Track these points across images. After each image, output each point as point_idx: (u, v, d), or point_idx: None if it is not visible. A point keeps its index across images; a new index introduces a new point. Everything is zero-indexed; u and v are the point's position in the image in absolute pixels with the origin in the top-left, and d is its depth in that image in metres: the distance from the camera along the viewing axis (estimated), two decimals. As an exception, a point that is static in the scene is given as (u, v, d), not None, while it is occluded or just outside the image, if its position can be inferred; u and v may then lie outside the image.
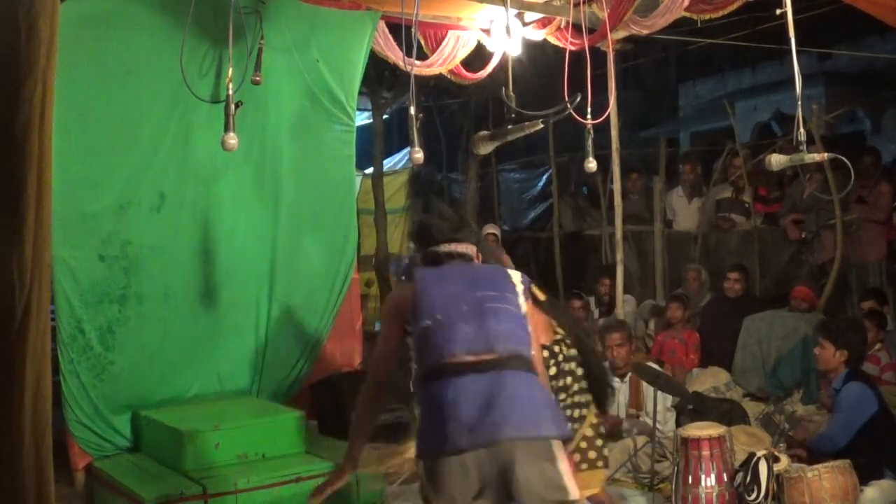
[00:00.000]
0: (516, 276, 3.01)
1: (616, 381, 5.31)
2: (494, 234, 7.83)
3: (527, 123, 4.37)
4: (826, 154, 4.33)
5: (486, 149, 4.77)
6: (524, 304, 2.93)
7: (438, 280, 2.89)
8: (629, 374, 5.43)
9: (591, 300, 7.74)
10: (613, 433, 5.16)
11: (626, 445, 5.15)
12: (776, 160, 4.01)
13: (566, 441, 2.78)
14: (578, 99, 4.35)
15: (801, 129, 3.83)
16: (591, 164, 4.74)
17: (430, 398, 2.70)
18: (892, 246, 7.26)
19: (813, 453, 4.62)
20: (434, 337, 2.75)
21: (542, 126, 4.37)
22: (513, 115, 4.31)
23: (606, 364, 5.04)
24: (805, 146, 3.90)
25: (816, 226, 7.28)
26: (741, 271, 7.11)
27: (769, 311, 6.81)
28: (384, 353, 2.94)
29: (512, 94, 4.34)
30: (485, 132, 4.75)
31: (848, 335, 4.68)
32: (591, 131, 4.69)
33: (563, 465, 2.66)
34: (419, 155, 3.73)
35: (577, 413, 3.74)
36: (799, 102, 3.82)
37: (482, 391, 2.63)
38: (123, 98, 4.68)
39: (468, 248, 3.03)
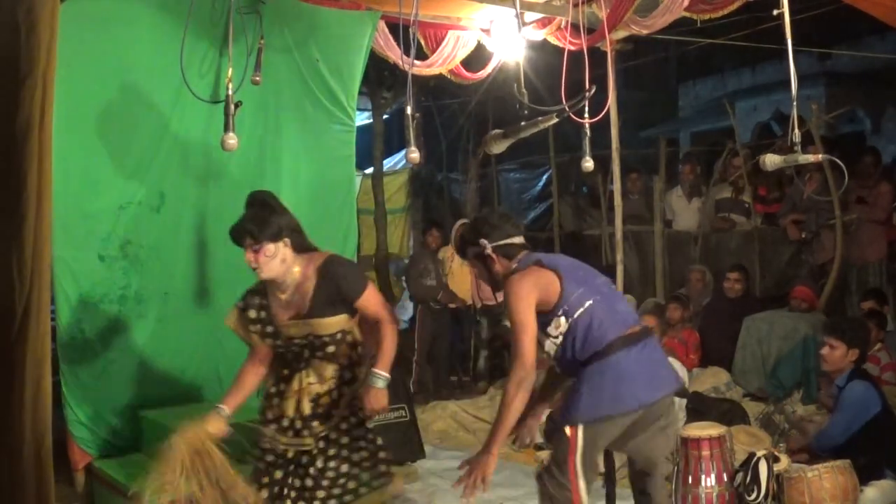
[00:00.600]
0: None
1: None
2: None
3: (540, 119, 4.35)
4: (820, 155, 4.32)
5: (499, 147, 4.74)
6: None
7: (571, 266, 3.22)
8: None
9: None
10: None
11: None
12: (770, 160, 4.00)
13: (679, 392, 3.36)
14: (594, 90, 4.34)
15: (796, 130, 3.83)
16: (588, 164, 4.73)
17: (603, 368, 3.01)
18: (893, 246, 7.25)
19: (813, 453, 4.61)
20: (601, 315, 3.07)
21: (556, 120, 4.36)
22: (525, 112, 4.31)
23: None
24: (800, 147, 3.89)
25: (816, 226, 7.27)
26: (741, 271, 7.11)
27: (769, 311, 6.82)
28: (535, 336, 3.08)
29: (524, 90, 4.33)
30: (498, 130, 4.71)
31: (859, 334, 4.65)
32: (588, 131, 4.68)
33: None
34: (415, 154, 3.71)
35: None
36: (794, 103, 3.82)
37: (646, 358, 3.07)
38: (123, 98, 4.67)
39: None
